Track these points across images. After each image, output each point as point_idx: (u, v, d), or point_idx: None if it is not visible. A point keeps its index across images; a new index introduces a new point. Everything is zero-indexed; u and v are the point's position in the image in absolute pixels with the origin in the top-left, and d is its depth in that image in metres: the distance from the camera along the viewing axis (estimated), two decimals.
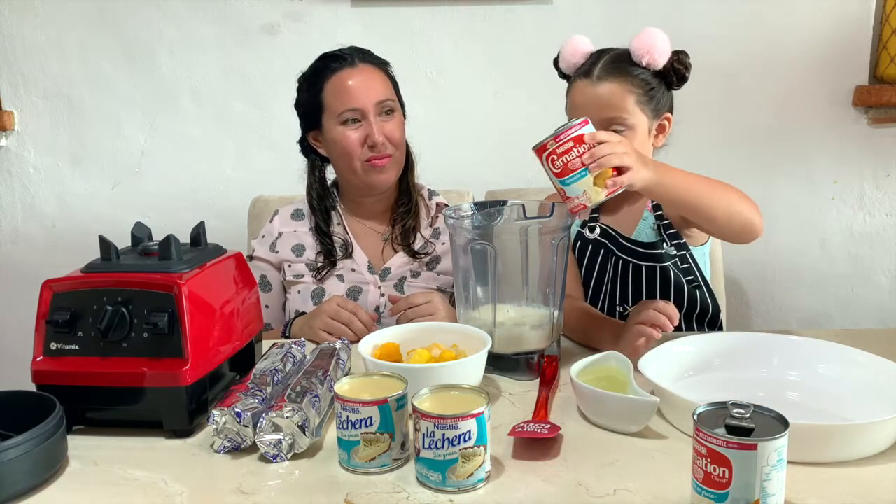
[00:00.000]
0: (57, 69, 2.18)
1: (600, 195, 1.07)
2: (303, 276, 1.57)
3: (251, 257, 1.64)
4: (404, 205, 1.61)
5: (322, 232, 1.59)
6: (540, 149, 1.10)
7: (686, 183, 1.16)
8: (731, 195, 1.20)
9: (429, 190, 1.68)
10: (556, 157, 1.08)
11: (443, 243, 1.60)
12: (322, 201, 1.60)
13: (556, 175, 1.09)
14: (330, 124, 1.53)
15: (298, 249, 1.60)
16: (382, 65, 1.57)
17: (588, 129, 1.09)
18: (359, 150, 1.50)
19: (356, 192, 1.60)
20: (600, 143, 1.08)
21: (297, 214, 1.64)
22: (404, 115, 1.60)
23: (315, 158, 1.61)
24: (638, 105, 1.36)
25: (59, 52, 2.17)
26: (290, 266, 1.59)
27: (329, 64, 1.53)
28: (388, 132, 1.51)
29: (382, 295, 1.55)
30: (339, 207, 1.62)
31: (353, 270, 1.57)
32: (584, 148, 1.07)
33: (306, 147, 1.62)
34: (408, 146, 1.61)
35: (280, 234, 1.62)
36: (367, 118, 1.50)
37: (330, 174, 1.65)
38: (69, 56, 2.17)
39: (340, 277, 1.56)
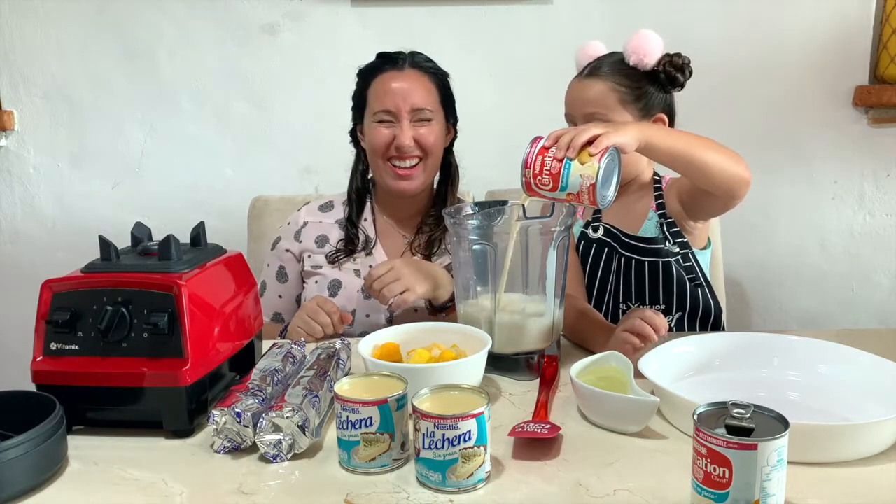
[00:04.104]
0: (57, 69, 2.18)
1: (594, 166, 1.07)
2: (321, 266, 1.59)
3: (274, 246, 1.66)
4: (434, 216, 1.61)
5: (351, 222, 1.62)
6: (526, 187, 1.12)
7: (675, 135, 1.23)
8: (716, 144, 1.24)
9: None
10: (540, 177, 1.10)
11: None
12: (360, 193, 1.64)
13: (553, 189, 1.10)
14: (368, 121, 1.57)
15: (321, 241, 1.62)
16: (435, 74, 1.58)
17: (542, 141, 1.12)
18: (383, 149, 1.54)
19: (384, 191, 1.62)
20: (559, 136, 1.10)
21: (326, 206, 1.67)
22: (455, 131, 1.64)
23: (360, 151, 1.65)
24: (621, 103, 1.40)
25: (59, 52, 2.17)
26: (309, 256, 1.61)
27: (381, 64, 1.57)
28: (419, 135, 1.53)
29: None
30: (372, 202, 1.65)
31: (371, 267, 1.56)
32: (552, 151, 1.09)
33: (355, 138, 1.65)
34: (454, 159, 1.64)
35: (305, 224, 1.65)
36: (399, 122, 1.52)
37: None
38: (69, 56, 2.17)
39: (357, 273, 1.57)
